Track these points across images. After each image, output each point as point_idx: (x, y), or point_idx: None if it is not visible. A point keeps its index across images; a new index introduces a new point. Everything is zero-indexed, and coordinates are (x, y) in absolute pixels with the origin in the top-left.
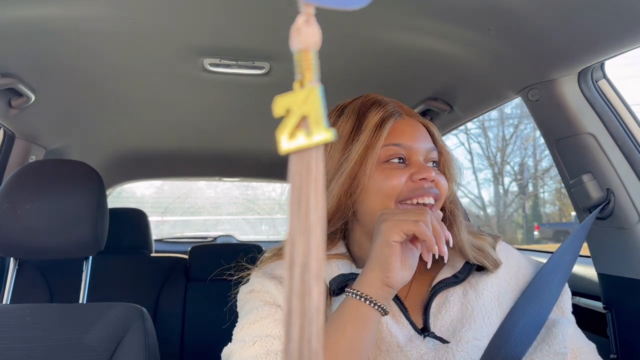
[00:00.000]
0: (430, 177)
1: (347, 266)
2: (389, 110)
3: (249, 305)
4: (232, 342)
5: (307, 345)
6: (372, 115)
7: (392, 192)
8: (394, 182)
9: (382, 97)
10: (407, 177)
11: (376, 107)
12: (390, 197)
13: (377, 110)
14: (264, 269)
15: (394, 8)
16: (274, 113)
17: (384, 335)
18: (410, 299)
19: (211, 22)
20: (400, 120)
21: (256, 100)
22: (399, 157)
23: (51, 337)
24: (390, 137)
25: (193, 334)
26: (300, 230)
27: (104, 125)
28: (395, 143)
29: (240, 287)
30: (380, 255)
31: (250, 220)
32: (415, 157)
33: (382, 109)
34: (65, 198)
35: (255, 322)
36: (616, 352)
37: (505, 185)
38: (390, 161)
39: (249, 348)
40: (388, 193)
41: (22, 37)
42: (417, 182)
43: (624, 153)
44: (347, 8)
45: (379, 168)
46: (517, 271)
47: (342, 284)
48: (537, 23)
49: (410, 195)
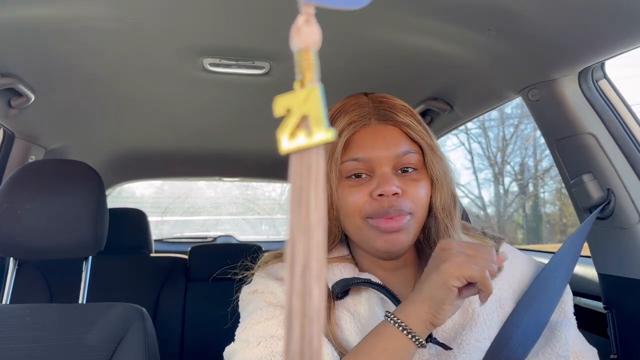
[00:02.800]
0: (389, 192)
1: (350, 270)
2: (352, 118)
3: (252, 305)
4: (234, 341)
5: (307, 346)
6: (336, 126)
7: (353, 211)
8: (354, 199)
9: (356, 100)
10: (367, 193)
11: (341, 114)
12: (353, 215)
13: (341, 119)
14: (267, 269)
15: (394, 8)
16: (274, 113)
17: None
18: None
19: (211, 22)
20: (362, 129)
21: (256, 100)
22: (357, 173)
23: (51, 337)
24: (350, 150)
25: (193, 334)
26: (300, 231)
27: (104, 125)
28: (353, 158)
29: (243, 287)
30: (434, 294)
31: (250, 220)
32: (379, 168)
33: (345, 117)
34: (65, 198)
35: (259, 322)
36: (616, 352)
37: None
38: (350, 177)
39: (253, 348)
40: (350, 211)
41: (22, 37)
42: (377, 199)
43: (624, 153)
44: (347, 8)
45: (342, 184)
46: (519, 273)
47: (345, 288)
48: (537, 23)
49: (374, 214)
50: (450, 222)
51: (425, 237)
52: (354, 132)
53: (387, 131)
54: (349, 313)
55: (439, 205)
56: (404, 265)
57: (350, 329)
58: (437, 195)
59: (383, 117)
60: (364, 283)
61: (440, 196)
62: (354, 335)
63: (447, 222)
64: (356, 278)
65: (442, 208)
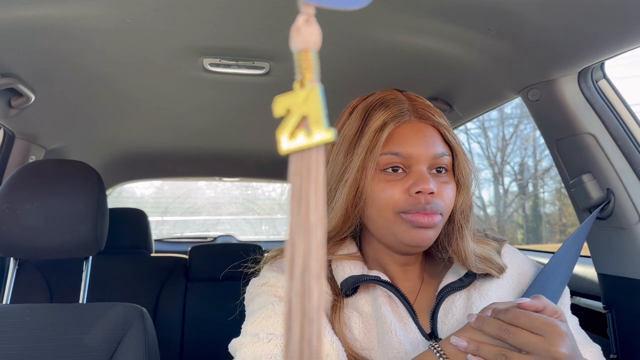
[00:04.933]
0: (427, 190)
1: (359, 267)
2: (393, 112)
3: (261, 299)
4: (242, 335)
5: (307, 346)
6: (375, 118)
7: (386, 205)
8: (388, 193)
9: (394, 95)
10: (405, 189)
11: (382, 108)
12: (385, 209)
13: (381, 112)
14: (277, 263)
15: (394, 8)
16: (274, 113)
17: (392, 342)
18: (419, 304)
19: (211, 22)
20: (403, 125)
21: (256, 100)
22: (395, 166)
23: (51, 337)
24: (390, 144)
25: (193, 334)
26: (300, 231)
27: (104, 125)
28: (393, 152)
29: (251, 280)
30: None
31: (250, 220)
32: (416, 165)
33: (386, 111)
34: (65, 198)
35: (269, 317)
36: (616, 352)
37: (505, 185)
38: (387, 170)
39: (263, 344)
40: (382, 205)
41: (22, 37)
42: (414, 196)
43: (624, 153)
44: (347, 8)
45: (377, 177)
46: (520, 273)
47: (354, 286)
48: (537, 23)
49: (408, 209)
50: (466, 225)
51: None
52: (397, 126)
53: (426, 130)
54: (357, 312)
55: (459, 209)
56: (414, 262)
57: (358, 328)
58: (460, 199)
59: (422, 115)
60: (372, 280)
61: (462, 200)
62: (361, 334)
63: (463, 223)
64: (365, 275)
65: (462, 212)
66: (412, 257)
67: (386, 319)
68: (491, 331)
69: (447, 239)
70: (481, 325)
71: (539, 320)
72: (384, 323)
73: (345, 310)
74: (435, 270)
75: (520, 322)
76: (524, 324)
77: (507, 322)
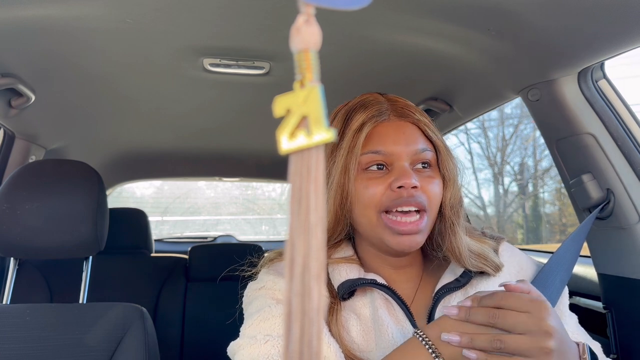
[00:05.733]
0: (409, 184)
1: (356, 271)
2: (371, 112)
3: (258, 302)
4: (240, 337)
5: (307, 346)
6: (355, 120)
7: (370, 202)
8: (371, 191)
9: (374, 97)
10: (387, 185)
11: (361, 109)
12: (370, 207)
13: (360, 113)
14: (274, 267)
15: (394, 8)
16: (274, 113)
17: (389, 345)
18: (416, 306)
19: (211, 22)
20: (383, 123)
21: (256, 100)
22: (377, 164)
23: (51, 337)
24: (370, 143)
25: (193, 334)
26: (300, 231)
27: (104, 125)
28: (373, 150)
29: (249, 283)
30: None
31: (250, 220)
32: (398, 162)
33: (365, 112)
34: (65, 198)
35: (266, 319)
36: (616, 352)
37: (505, 185)
38: (369, 169)
39: (260, 346)
40: (367, 203)
41: (22, 37)
42: (396, 191)
43: (624, 153)
44: (347, 8)
45: (360, 176)
46: (519, 271)
47: (351, 289)
48: (537, 23)
49: (391, 205)
50: (457, 220)
51: (427, 237)
52: (375, 125)
53: (407, 127)
54: (355, 315)
55: (448, 204)
56: (409, 264)
57: (356, 331)
58: (447, 195)
59: (401, 114)
60: (369, 284)
61: (449, 195)
62: (359, 337)
63: (453, 219)
64: (362, 279)
65: (451, 207)
66: (407, 259)
67: (383, 322)
68: (479, 319)
69: (441, 237)
70: (467, 316)
71: (524, 298)
72: (381, 326)
73: (343, 313)
74: (433, 270)
75: (506, 303)
76: (510, 305)
77: (493, 306)
